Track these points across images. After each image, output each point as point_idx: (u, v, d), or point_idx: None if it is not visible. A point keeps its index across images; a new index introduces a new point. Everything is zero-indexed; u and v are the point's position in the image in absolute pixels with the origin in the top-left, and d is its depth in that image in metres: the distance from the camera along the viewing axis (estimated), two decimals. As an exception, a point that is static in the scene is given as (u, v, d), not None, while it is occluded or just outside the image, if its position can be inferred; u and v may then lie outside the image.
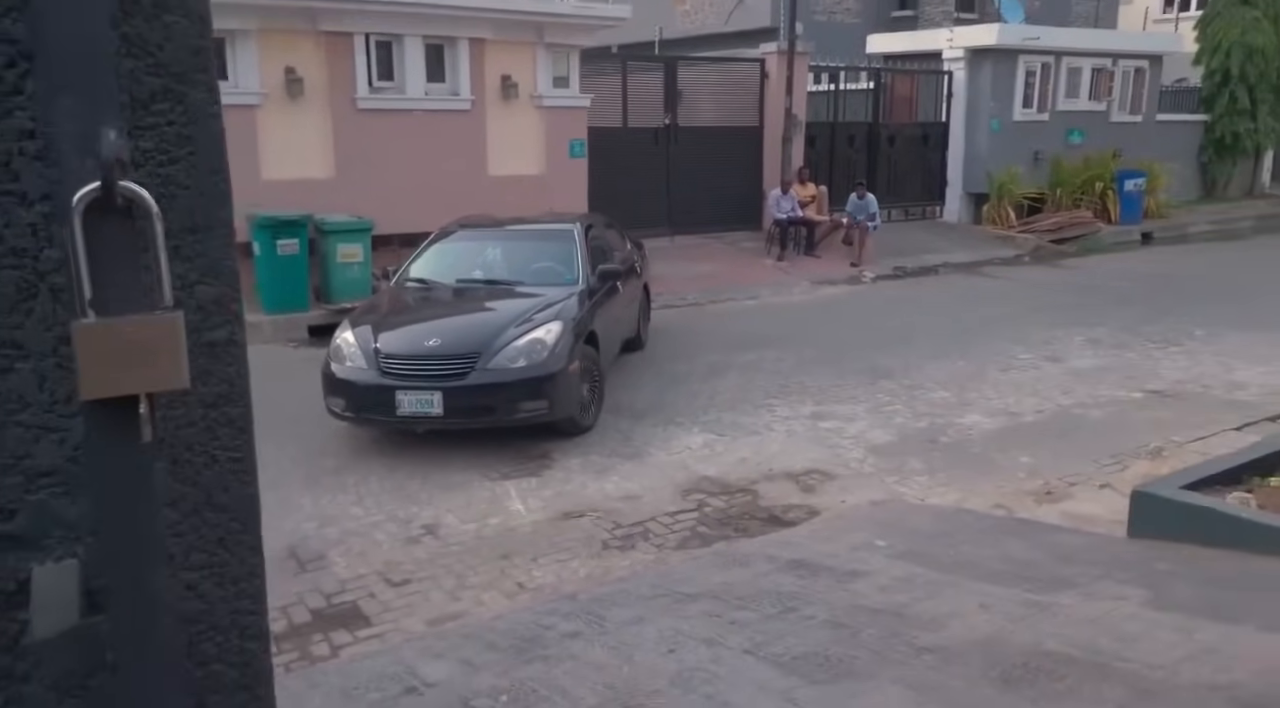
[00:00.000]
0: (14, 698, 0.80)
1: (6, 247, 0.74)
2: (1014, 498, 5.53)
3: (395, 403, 5.87)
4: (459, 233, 8.03)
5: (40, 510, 0.78)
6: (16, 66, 0.71)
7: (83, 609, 0.73)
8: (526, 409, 6.03)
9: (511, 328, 6.22)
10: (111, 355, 0.63)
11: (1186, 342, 9.37)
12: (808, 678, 3.06)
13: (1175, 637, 3.03)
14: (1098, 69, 17.63)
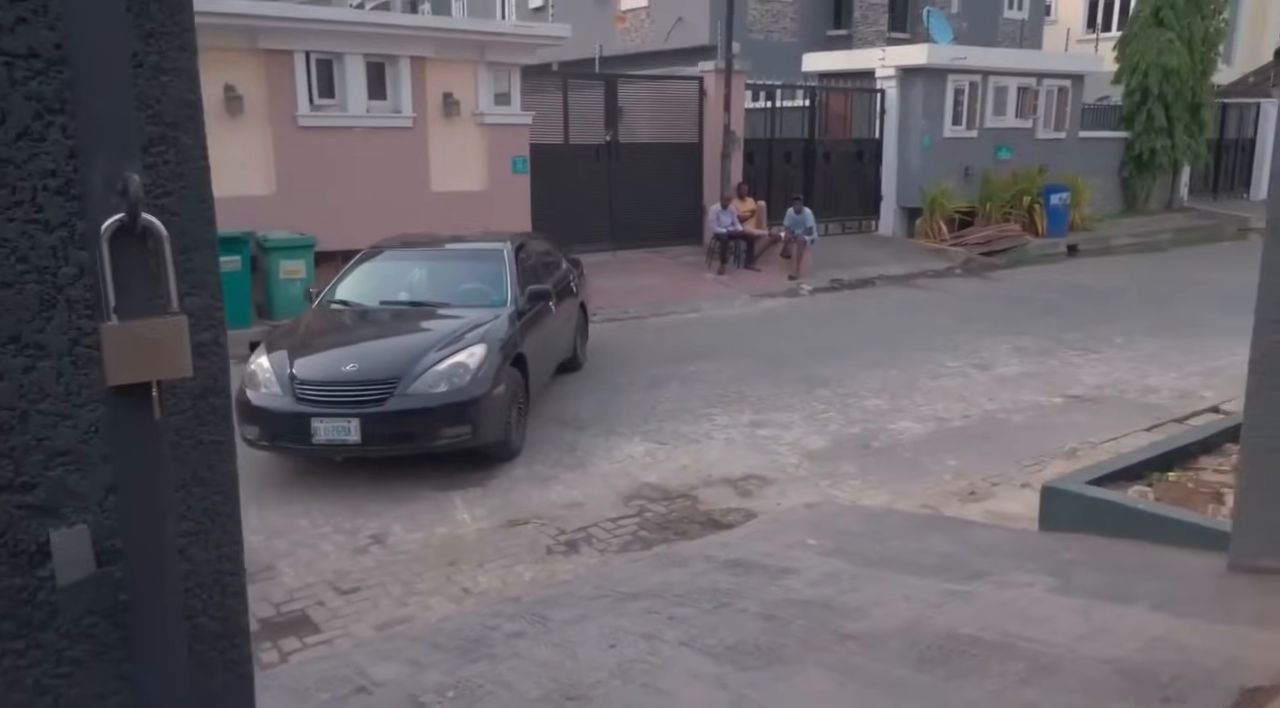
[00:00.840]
0: (33, 644, 0.95)
1: (31, 265, 0.90)
2: (940, 499, 5.81)
3: (311, 431, 5.67)
4: (385, 253, 7.84)
5: (57, 484, 0.94)
6: (43, 118, 0.87)
7: (98, 562, 0.89)
8: (448, 435, 5.89)
9: (433, 352, 6.06)
10: (130, 350, 0.79)
11: (1105, 349, 9.83)
12: (739, 665, 3.25)
13: (1075, 618, 3.29)
14: (1023, 88, 18.32)
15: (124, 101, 0.80)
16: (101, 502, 0.95)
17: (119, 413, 0.82)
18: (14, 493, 0.92)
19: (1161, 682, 2.70)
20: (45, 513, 0.93)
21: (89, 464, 0.94)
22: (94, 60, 0.79)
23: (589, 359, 9.25)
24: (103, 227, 0.79)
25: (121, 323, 0.79)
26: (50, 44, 0.87)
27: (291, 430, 5.78)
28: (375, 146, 11.58)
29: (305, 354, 6.13)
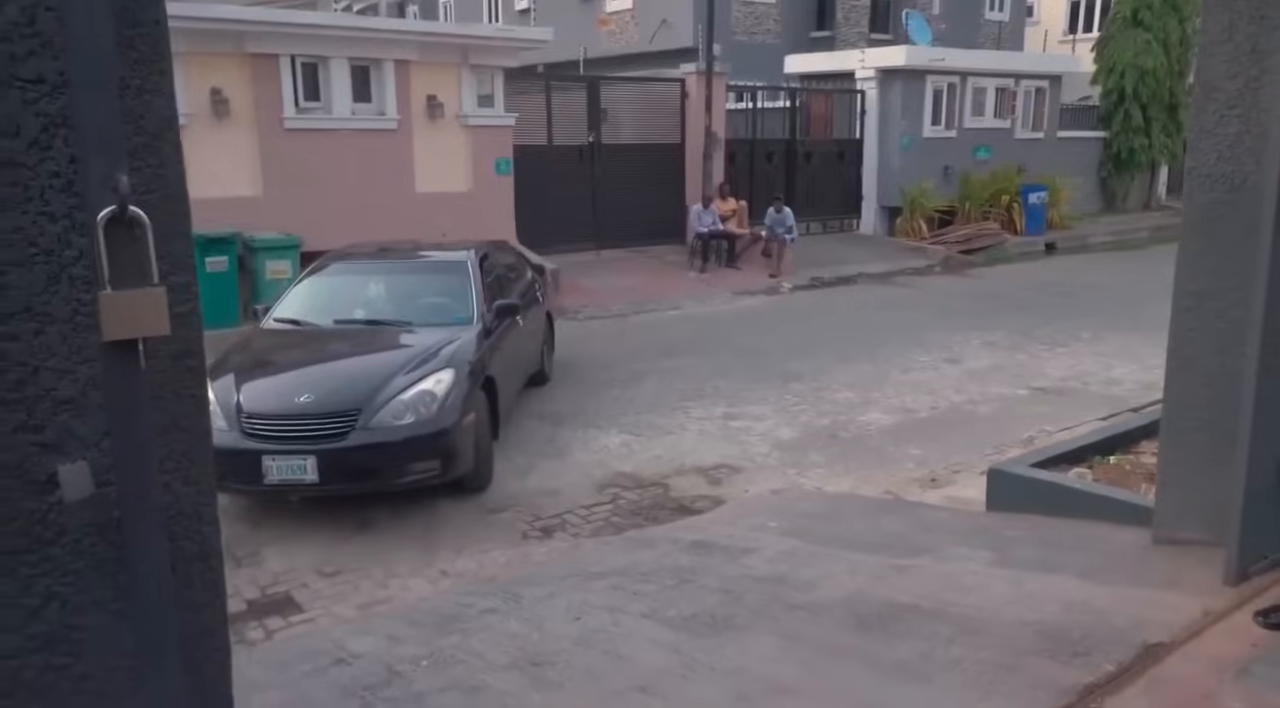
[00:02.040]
0: (44, 557, 1.17)
1: (40, 249, 1.11)
2: (902, 485, 6.05)
3: (262, 470, 5.12)
4: (336, 266, 7.18)
5: (62, 427, 1.16)
6: (49, 131, 1.09)
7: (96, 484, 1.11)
8: (416, 471, 5.40)
9: (397, 378, 5.54)
10: (121, 313, 1.01)
11: (1073, 343, 10.10)
12: (694, 633, 3.48)
13: (1006, 587, 3.53)
14: (1001, 88, 18.61)
15: (115, 117, 1.02)
16: (98, 443, 1.17)
17: (112, 363, 1.03)
18: (28, 433, 1.14)
19: (1073, 639, 2.93)
20: (53, 450, 1.15)
21: (88, 411, 1.16)
22: (90, 84, 1.00)
23: (568, 358, 9.44)
24: (98, 217, 1.01)
25: (114, 292, 1.01)
26: (55, 71, 1.09)
27: (240, 470, 5.15)
28: (360, 149, 11.77)
29: (253, 382, 5.56)
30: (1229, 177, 3.25)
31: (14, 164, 1.09)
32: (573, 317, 11.58)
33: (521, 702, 3.08)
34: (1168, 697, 2.59)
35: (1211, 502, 3.30)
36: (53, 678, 1.20)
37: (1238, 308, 3.19)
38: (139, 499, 1.08)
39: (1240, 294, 3.17)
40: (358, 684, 3.36)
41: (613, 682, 3.16)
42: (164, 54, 1.17)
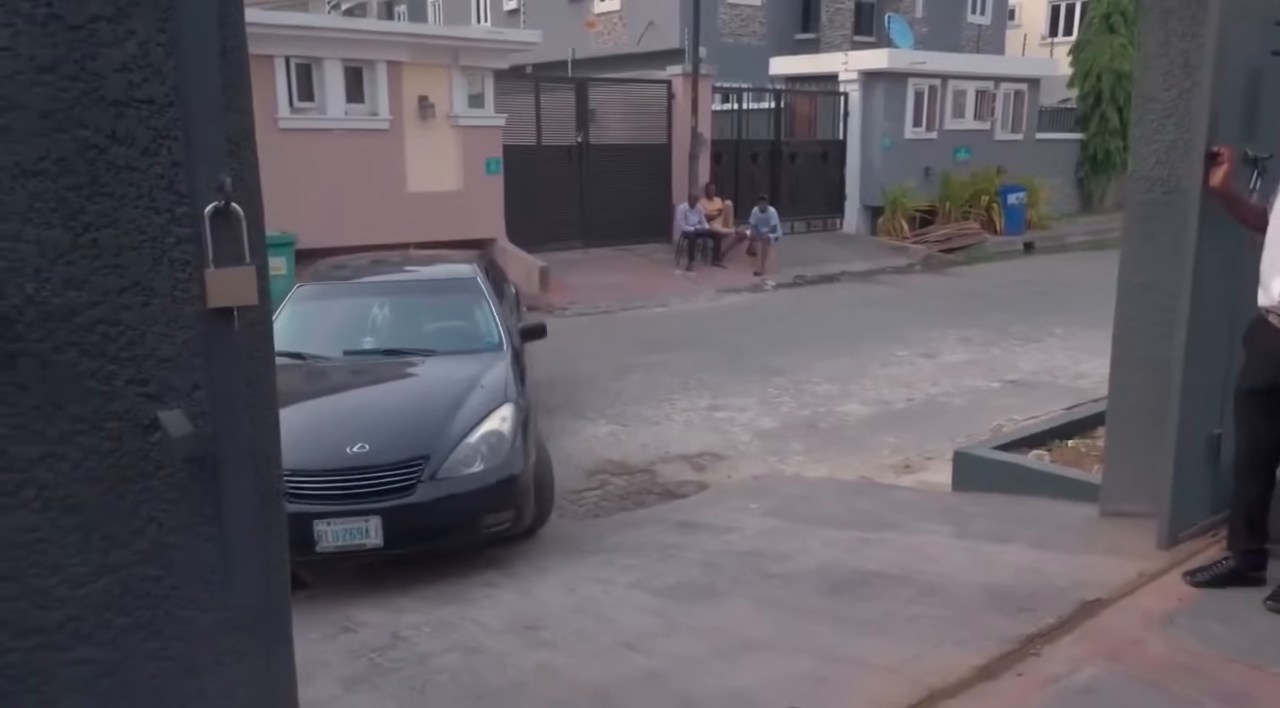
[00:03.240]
0: (146, 487, 1.44)
1: (148, 236, 1.38)
2: (877, 471, 6.35)
3: (314, 537, 4.27)
4: (323, 288, 6.26)
5: (163, 381, 1.43)
6: (157, 142, 1.37)
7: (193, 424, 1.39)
8: (489, 525, 4.58)
9: (457, 418, 4.73)
10: (222, 285, 1.27)
11: (1046, 339, 10.44)
12: (677, 600, 3.78)
13: (964, 556, 3.83)
14: (981, 91, 18.98)
15: (218, 131, 1.29)
16: (190, 393, 1.45)
17: (214, 326, 1.30)
18: (136, 386, 1.41)
19: (1020, 598, 3.24)
20: (155, 400, 1.42)
21: (183, 368, 1.43)
22: (201, 104, 1.28)
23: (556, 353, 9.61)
24: (206, 210, 1.29)
25: (217, 270, 1.29)
26: (162, 93, 1.36)
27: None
28: (353, 148, 12.00)
29: (283, 432, 4.69)
30: (1165, 180, 3.57)
31: (130, 167, 1.36)
32: (561, 313, 11.85)
33: (518, 660, 3.37)
34: (1099, 644, 2.89)
35: (1151, 477, 3.61)
36: (151, 586, 1.48)
37: (1173, 299, 3.49)
38: (233, 439, 1.35)
39: (1176, 287, 3.47)
40: (365, 648, 3.64)
41: (602, 641, 3.45)
42: (245, 78, 1.45)
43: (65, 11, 1.29)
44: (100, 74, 1.32)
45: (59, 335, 1.35)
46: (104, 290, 1.37)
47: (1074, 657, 2.83)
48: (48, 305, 1.33)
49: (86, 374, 1.38)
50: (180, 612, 1.52)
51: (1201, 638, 2.90)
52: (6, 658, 1.38)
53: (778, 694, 2.75)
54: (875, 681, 2.75)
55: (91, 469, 1.41)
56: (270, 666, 1.61)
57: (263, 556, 1.55)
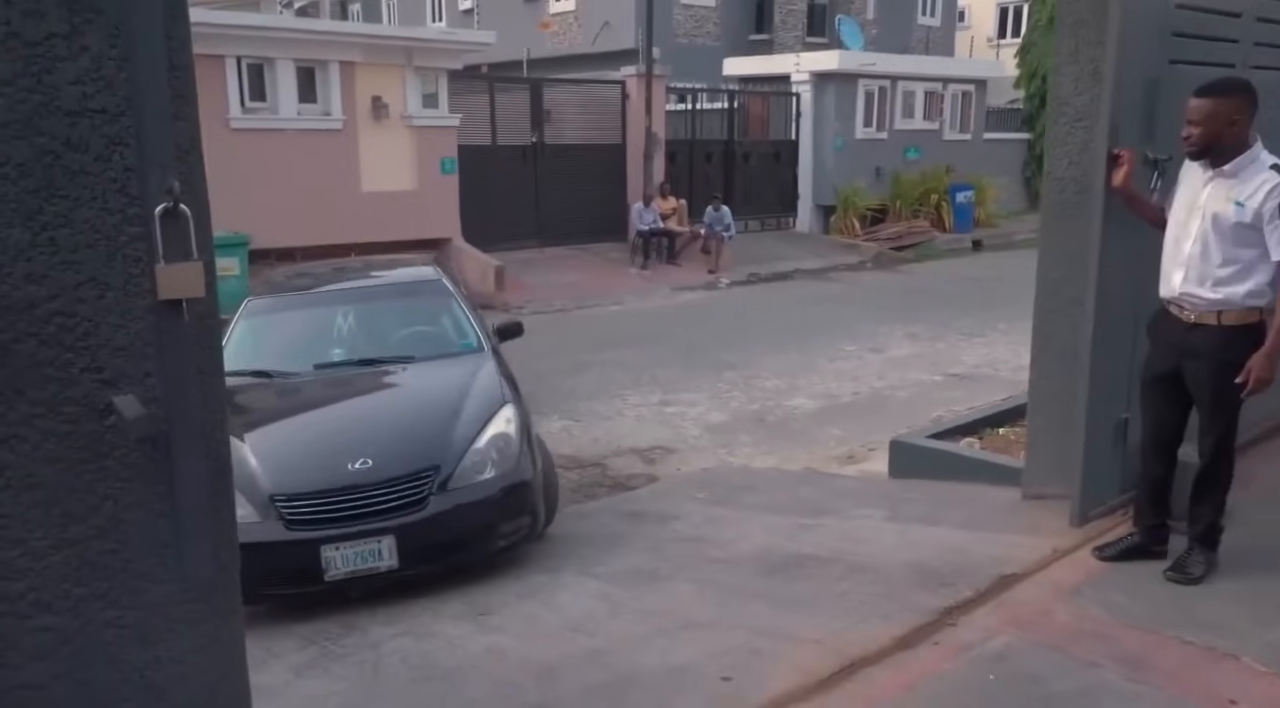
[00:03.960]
0: (101, 467, 1.55)
1: (102, 235, 1.49)
2: (822, 462, 6.55)
3: (321, 565, 3.96)
4: (281, 299, 5.90)
5: (117, 368, 1.54)
6: (110, 148, 1.48)
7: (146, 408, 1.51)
8: (505, 535, 4.33)
9: (459, 423, 4.49)
10: (172, 279, 1.39)
11: (989, 333, 10.75)
12: (623, 585, 3.93)
13: (894, 537, 4.03)
14: (930, 92, 19.38)
15: (167, 138, 1.41)
16: (143, 380, 1.56)
17: (164, 317, 1.42)
18: (91, 373, 1.52)
19: (942, 574, 3.43)
20: (109, 385, 1.53)
21: (135, 356, 1.54)
22: (152, 113, 1.40)
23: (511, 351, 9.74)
24: (156, 211, 1.41)
25: (167, 265, 1.41)
26: (113, 104, 1.47)
27: (289, 569, 4.04)
28: (306, 148, 11.99)
29: (271, 455, 4.28)
30: (1078, 180, 3.78)
31: (85, 172, 1.47)
32: (517, 312, 11.93)
33: (468, 643, 3.50)
34: (1011, 614, 3.09)
35: (1067, 461, 3.83)
36: (107, 559, 1.59)
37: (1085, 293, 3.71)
38: (184, 421, 1.47)
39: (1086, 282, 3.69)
40: (317, 635, 3.75)
41: (549, 624, 3.59)
42: (192, 90, 1.56)
43: (23, 29, 1.41)
44: (56, 86, 1.44)
45: (19, 327, 1.47)
46: (61, 285, 1.48)
47: (988, 627, 3.03)
48: (8, 299, 1.45)
49: (45, 362, 1.49)
50: (135, 583, 1.64)
51: (1105, 607, 3.12)
52: (-28, 625, 1.49)
53: (714, 667, 2.92)
54: (803, 652, 2.92)
55: (50, 450, 1.52)
56: (221, 635, 1.73)
57: (214, 530, 1.67)
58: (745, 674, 2.83)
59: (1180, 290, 3.26)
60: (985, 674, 2.76)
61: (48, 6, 1.43)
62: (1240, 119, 3.13)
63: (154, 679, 1.68)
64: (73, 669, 1.60)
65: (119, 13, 1.46)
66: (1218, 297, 3.16)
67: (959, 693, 2.68)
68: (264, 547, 3.89)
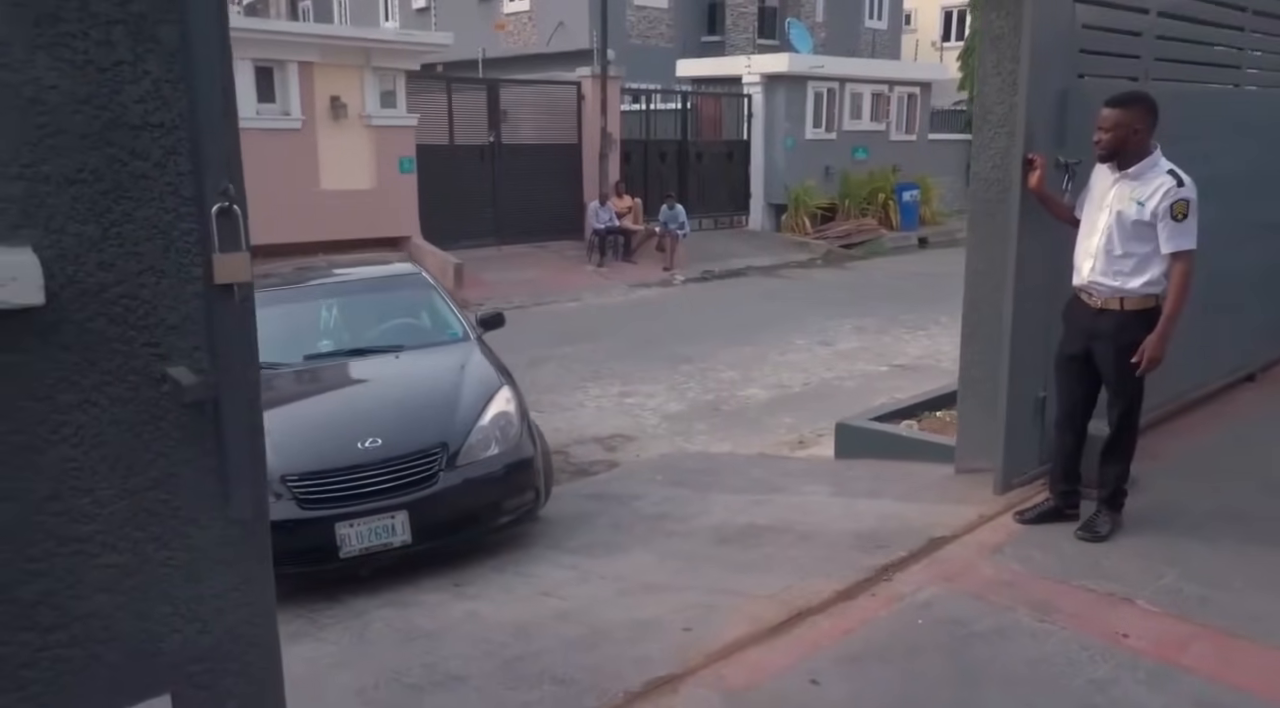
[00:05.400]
0: (156, 427, 1.83)
1: (159, 230, 1.76)
2: (774, 447, 6.91)
3: (336, 542, 4.11)
4: (261, 295, 5.30)
5: (170, 344, 1.81)
6: (167, 156, 1.75)
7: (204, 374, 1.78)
8: (510, 509, 4.55)
9: (461, 403, 4.71)
10: (225, 267, 1.66)
11: (932, 327, 11.23)
12: (589, 556, 4.24)
13: (839, 509, 4.39)
14: (877, 94, 19.94)
15: (219, 147, 1.69)
16: (191, 353, 1.83)
17: (218, 299, 1.70)
18: (150, 347, 1.78)
19: (880, 539, 3.79)
20: (163, 358, 1.80)
21: (186, 333, 1.81)
22: (212, 128, 1.68)
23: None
24: (213, 209, 1.69)
25: (221, 254, 1.69)
26: (169, 119, 1.74)
27: (304, 548, 4.16)
28: (265, 147, 12.06)
29: (278, 437, 4.13)
30: (1000, 181, 4.17)
31: (146, 177, 1.74)
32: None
33: (447, 609, 3.78)
34: (940, 570, 3.46)
35: (994, 437, 4.21)
36: (161, 507, 1.86)
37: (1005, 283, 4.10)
38: (232, 386, 1.75)
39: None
40: (303, 608, 3.99)
41: (521, 591, 3.88)
42: (234, 107, 1.84)
43: (97, 58, 1.68)
44: (124, 104, 1.70)
45: (92, 308, 1.73)
46: (126, 272, 1.75)
47: (918, 580, 3.39)
48: (84, 284, 1.71)
49: (113, 338, 1.76)
50: (184, 528, 1.91)
51: (1022, 562, 3.50)
52: (52, 561, 1.76)
53: (675, 620, 3.23)
54: (755, 606, 3.26)
55: (115, 413, 1.78)
56: (255, 574, 2.00)
57: (252, 480, 1.94)
58: (704, 625, 3.15)
59: (1089, 279, 3.65)
60: (914, 619, 3.11)
61: (117, 38, 1.70)
62: (1142, 128, 3.52)
63: (199, 612, 1.95)
64: (133, 601, 1.87)
65: (175, 43, 1.74)
66: (1120, 285, 3.56)
67: (891, 635, 3.03)
68: (278, 526, 3.80)
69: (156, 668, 1.90)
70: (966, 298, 4.43)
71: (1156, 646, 2.90)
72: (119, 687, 1.86)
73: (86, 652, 1.80)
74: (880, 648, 2.96)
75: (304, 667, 3.33)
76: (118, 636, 1.84)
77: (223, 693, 2.00)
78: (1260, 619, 3.09)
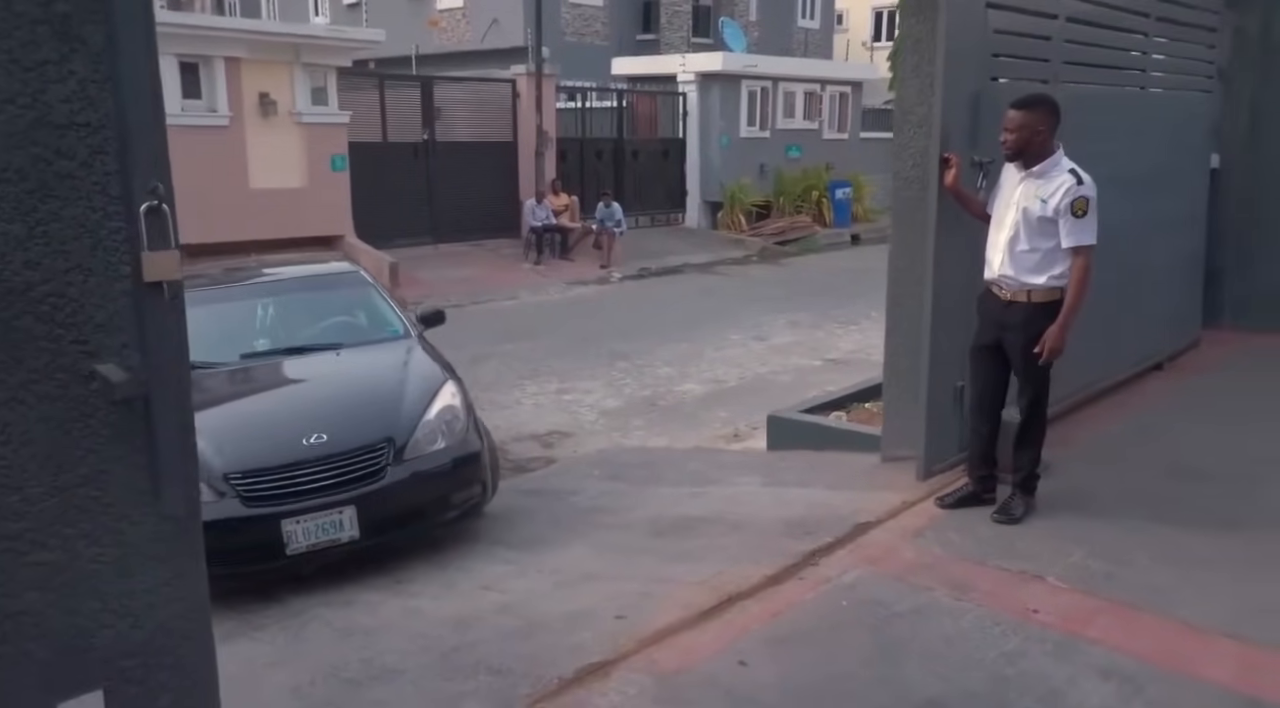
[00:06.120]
0: (85, 424, 1.83)
1: (86, 229, 1.76)
2: (709, 441, 7.03)
3: (283, 539, 4.04)
4: (192, 294, 4.99)
5: (98, 342, 1.82)
6: (94, 155, 1.76)
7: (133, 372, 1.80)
8: (457, 504, 4.54)
9: (406, 398, 4.69)
10: (155, 265, 1.68)
11: (863, 321, 11.48)
12: (527, 550, 4.29)
13: (770, 499, 4.51)
14: (809, 93, 20.26)
15: (148, 146, 1.71)
16: (120, 351, 1.85)
17: (148, 296, 1.72)
18: (78, 345, 1.79)
19: (809, 526, 3.92)
20: (92, 356, 1.80)
21: (115, 331, 1.81)
22: (142, 127, 1.70)
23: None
24: (141, 208, 1.71)
25: (150, 252, 1.71)
26: (96, 119, 1.74)
27: (250, 546, 4.10)
28: (191, 145, 11.79)
29: (219, 434, 4.28)
30: (920, 179, 4.32)
31: (72, 176, 1.75)
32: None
33: (387, 607, 3.80)
34: (864, 554, 3.60)
35: (916, 426, 4.37)
36: (91, 504, 1.86)
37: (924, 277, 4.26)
38: (162, 383, 1.77)
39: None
40: (238, 608, 3.97)
41: (462, 586, 3.92)
42: (161, 108, 1.86)
43: (21, 57, 1.69)
44: (49, 104, 1.71)
45: (18, 306, 1.74)
46: (53, 271, 1.75)
47: (844, 564, 3.52)
48: (10, 283, 1.72)
49: (40, 336, 1.76)
50: (115, 524, 1.92)
51: (942, 545, 3.65)
52: (-20, 559, 1.76)
53: (610, 609, 3.31)
54: (687, 592, 3.35)
55: (44, 411, 1.79)
56: (187, 570, 2.02)
57: (184, 476, 1.96)
58: (637, 612, 3.23)
59: (999, 273, 3.82)
60: (839, 601, 3.24)
61: (42, 37, 1.71)
62: (1045, 129, 3.70)
63: (130, 607, 1.97)
64: (64, 598, 1.88)
65: (101, 43, 1.75)
66: (1027, 279, 3.73)
67: (817, 616, 3.15)
68: (222, 524, 3.98)
69: (88, 664, 1.91)
70: (890, 293, 4.58)
71: (1064, 620, 3.07)
72: (50, 684, 1.87)
73: (17, 649, 1.81)
74: (806, 629, 3.07)
75: (239, 666, 3.32)
76: (48, 632, 1.85)
77: (155, 688, 2.01)
78: (1161, 592, 3.28)
